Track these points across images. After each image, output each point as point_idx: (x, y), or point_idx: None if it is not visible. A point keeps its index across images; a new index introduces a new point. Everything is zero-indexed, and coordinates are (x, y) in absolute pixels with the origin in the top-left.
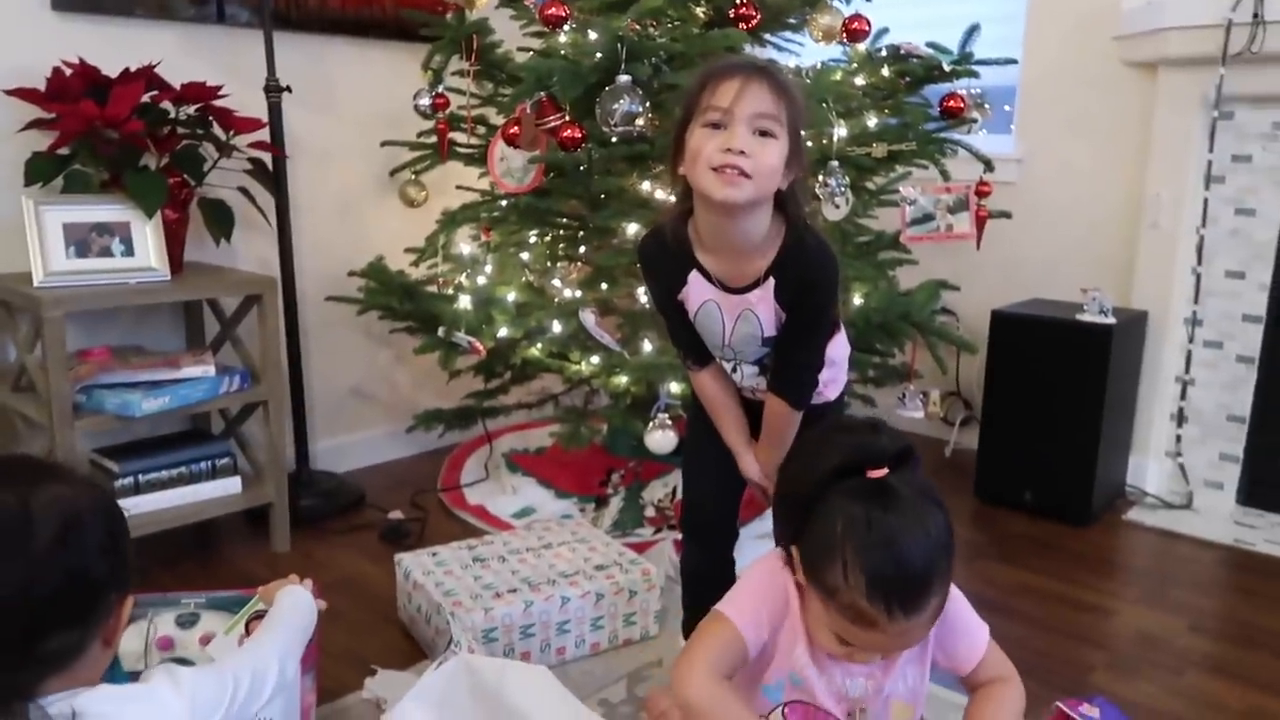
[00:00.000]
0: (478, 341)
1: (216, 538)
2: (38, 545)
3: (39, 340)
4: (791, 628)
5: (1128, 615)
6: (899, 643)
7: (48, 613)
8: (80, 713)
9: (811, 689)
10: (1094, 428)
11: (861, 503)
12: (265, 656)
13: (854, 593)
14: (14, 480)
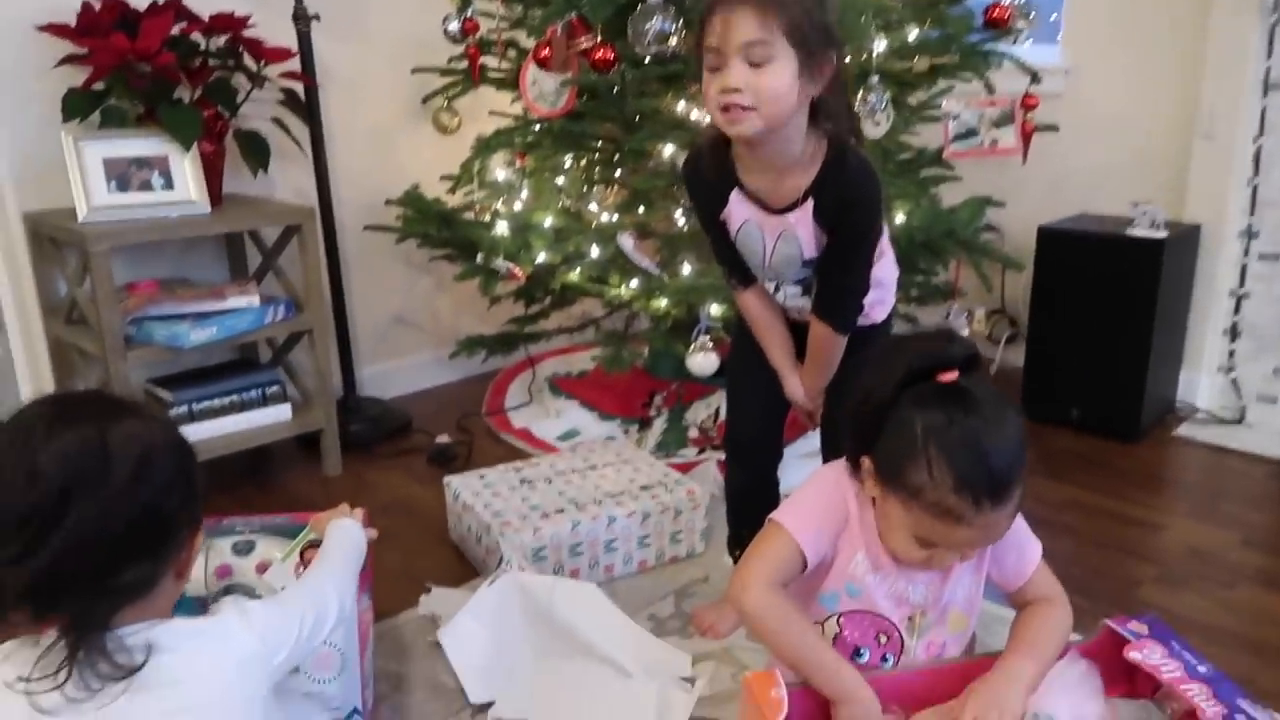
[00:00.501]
0: (516, 267)
1: (271, 463)
2: (115, 480)
3: (87, 275)
4: (850, 539)
5: (1177, 530)
6: (985, 536)
7: (123, 546)
8: (155, 646)
9: (871, 596)
10: (1144, 343)
11: (939, 404)
12: (325, 592)
13: (941, 489)
14: (91, 416)
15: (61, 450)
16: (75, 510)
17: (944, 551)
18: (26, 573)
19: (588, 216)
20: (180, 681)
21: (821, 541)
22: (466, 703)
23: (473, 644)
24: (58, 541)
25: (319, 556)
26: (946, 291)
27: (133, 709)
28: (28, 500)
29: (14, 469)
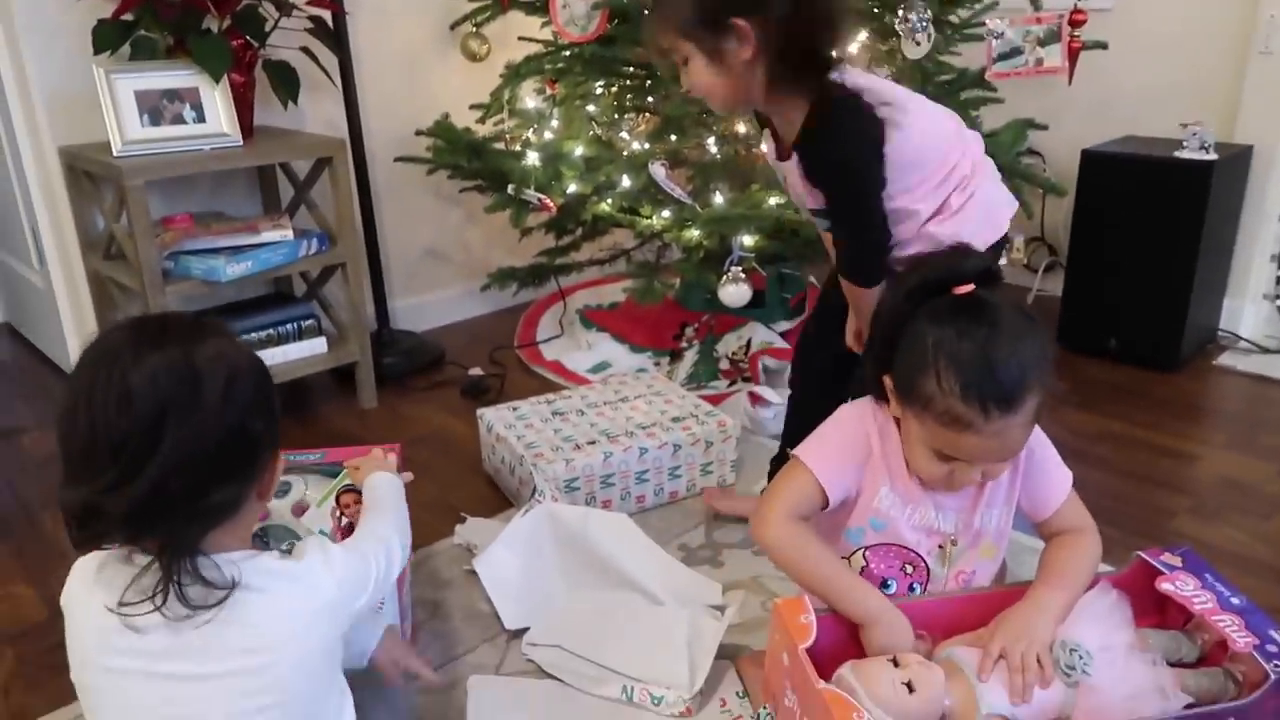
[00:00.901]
0: (547, 198)
1: (308, 396)
2: (206, 400)
3: (123, 209)
4: (873, 473)
5: (1214, 461)
6: (997, 445)
7: (214, 468)
8: (242, 582)
9: (897, 529)
10: (1187, 271)
11: (950, 316)
12: (390, 537)
13: (949, 398)
14: (176, 337)
15: (151, 372)
16: (170, 433)
17: (964, 467)
18: (125, 499)
19: (619, 145)
20: (262, 622)
21: (844, 478)
22: (502, 628)
23: (507, 572)
24: (154, 467)
25: (369, 506)
26: None
27: (217, 640)
28: (121, 426)
29: (105, 394)
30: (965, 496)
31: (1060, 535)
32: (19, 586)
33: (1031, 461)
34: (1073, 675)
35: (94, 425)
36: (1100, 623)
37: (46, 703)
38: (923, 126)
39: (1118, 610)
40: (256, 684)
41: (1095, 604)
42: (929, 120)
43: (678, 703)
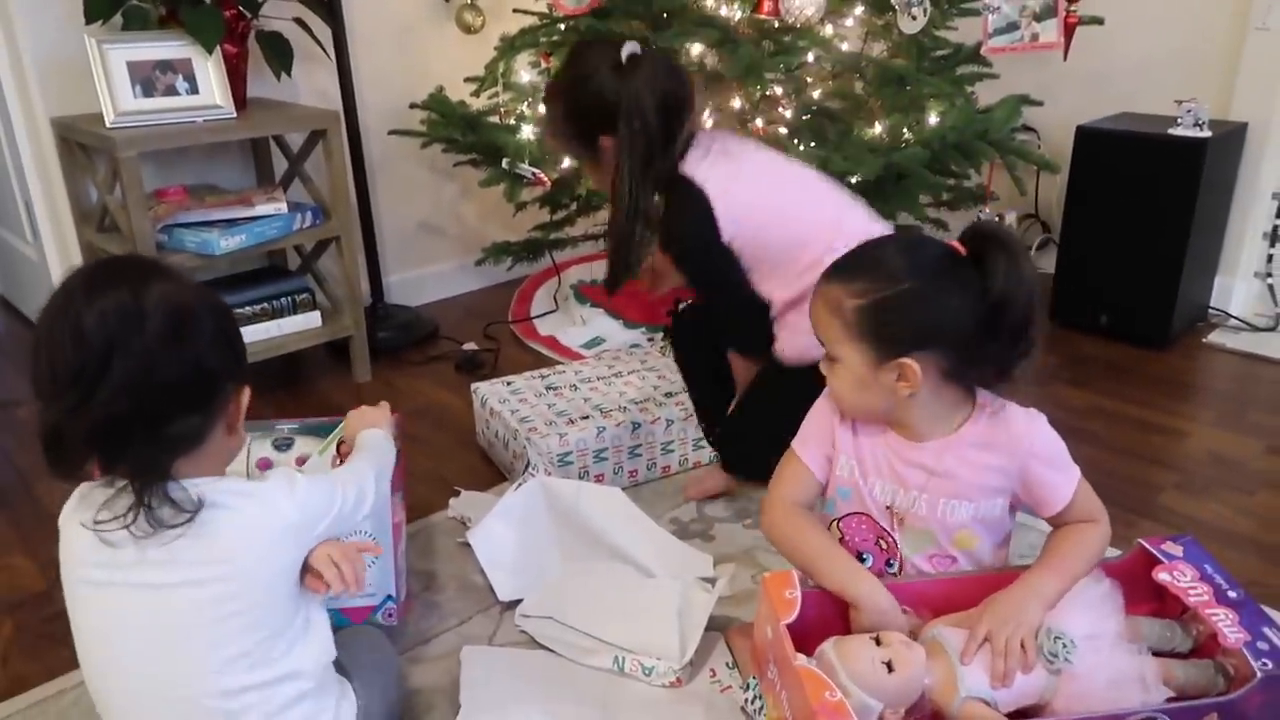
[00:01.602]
0: (541, 173)
1: (303, 369)
2: (149, 335)
3: (117, 181)
4: (838, 445)
5: (1201, 437)
6: (825, 308)
7: (168, 397)
8: (206, 499)
9: (860, 497)
10: (1179, 248)
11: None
12: (364, 475)
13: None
14: (125, 279)
15: (99, 310)
16: (118, 363)
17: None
18: (84, 420)
19: None
20: (223, 534)
21: (819, 454)
22: (495, 600)
23: (501, 545)
24: (105, 391)
25: (355, 450)
26: (978, 195)
27: (182, 552)
28: (77, 356)
29: (61, 330)
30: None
31: (1067, 524)
32: (16, 557)
33: (1036, 456)
34: (1055, 663)
35: (53, 358)
36: (1090, 610)
37: (45, 671)
38: (763, 220)
39: (1109, 599)
40: (219, 591)
41: (1087, 591)
42: (780, 211)
43: (668, 673)
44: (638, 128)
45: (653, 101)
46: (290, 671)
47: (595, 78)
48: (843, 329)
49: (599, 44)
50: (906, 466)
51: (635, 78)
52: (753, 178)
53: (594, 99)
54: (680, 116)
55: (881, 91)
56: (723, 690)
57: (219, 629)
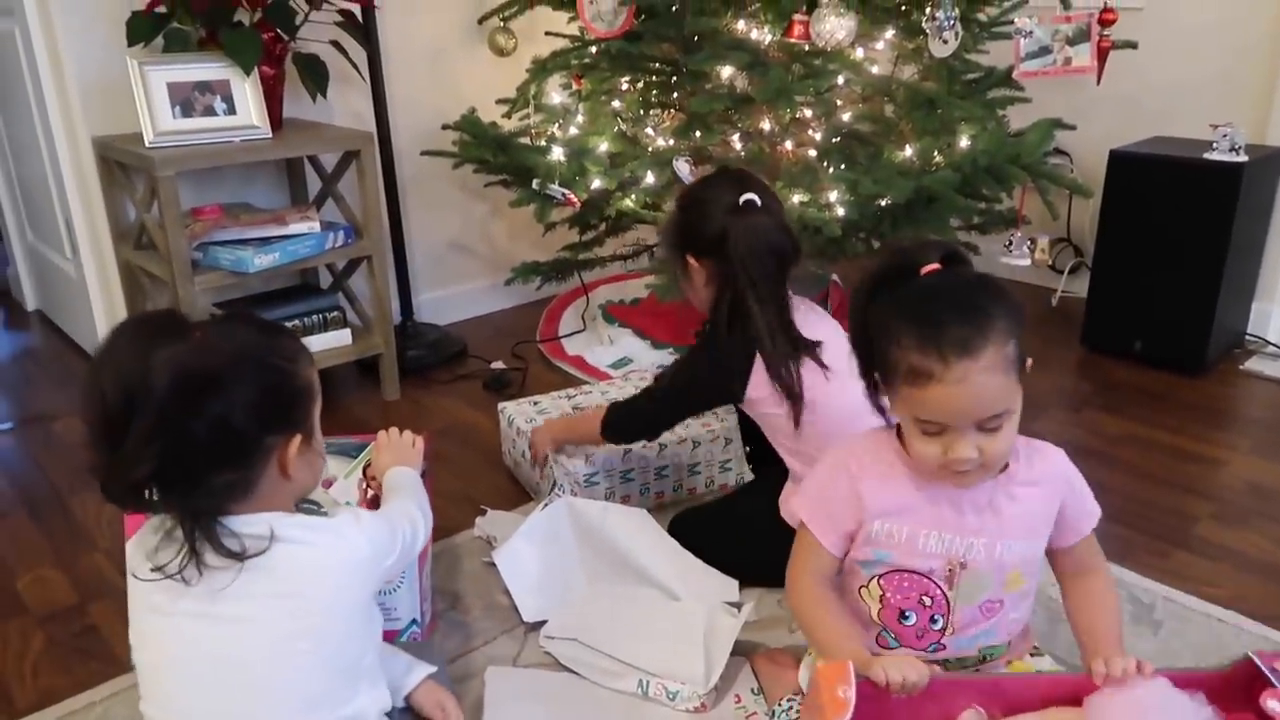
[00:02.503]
0: (571, 193)
1: (332, 387)
2: (156, 397)
3: (155, 199)
4: (863, 507)
5: (1238, 466)
6: (965, 394)
7: (199, 456)
8: (277, 535)
9: (904, 555)
10: (1215, 273)
11: (905, 288)
12: (414, 512)
13: (909, 353)
14: (145, 337)
15: (115, 368)
16: (136, 422)
17: (954, 440)
18: (122, 471)
19: (644, 141)
20: (297, 570)
21: (838, 534)
22: (520, 620)
23: (526, 565)
24: (131, 447)
25: (391, 490)
26: (1010, 219)
27: (253, 587)
28: (102, 413)
29: (92, 383)
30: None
31: (1082, 581)
32: (49, 570)
33: (1071, 494)
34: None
35: (88, 409)
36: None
37: (74, 685)
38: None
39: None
40: (293, 628)
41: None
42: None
43: (693, 698)
44: (744, 265)
45: (757, 244)
46: (354, 714)
47: (712, 204)
48: (1011, 380)
49: (731, 181)
50: (965, 513)
51: (747, 217)
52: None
53: (698, 220)
54: (782, 270)
55: (912, 115)
56: (748, 716)
57: (289, 665)
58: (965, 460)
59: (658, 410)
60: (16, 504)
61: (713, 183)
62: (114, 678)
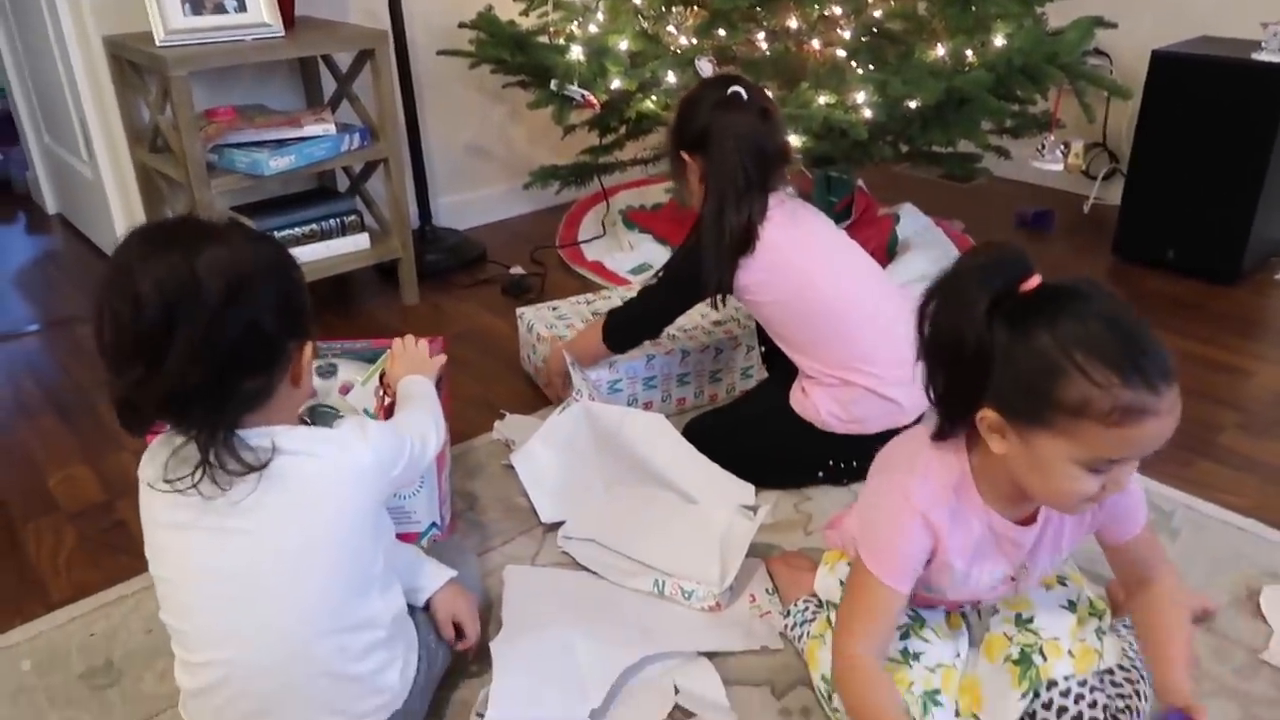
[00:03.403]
0: (591, 95)
1: (351, 291)
2: (207, 301)
3: (168, 101)
4: (933, 557)
5: (1268, 376)
6: (1171, 421)
7: (232, 361)
8: (279, 446)
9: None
10: (1256, 179)
11: (1050, 312)
12: (425, 424)
13: (1112, 390)
14: (179, 245)
15: (156, 277)
16: (180, 330)
17: (1119, 469)
18: (153, 392)
19: (665, 39)
20: (306, 478)
21: (910, 576)
22: (538, 521)
23: (544, 468)
24: (172, 361)
25: (405, 400)
26: (1044, 122)
27: (264, 499)
28: (138, 326)
29: (120, 301)
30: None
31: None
32: (78, 467)
33: (1114, 510)
34: None
35: (116, 326)
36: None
37: (105, 578)
38: (800, 290)
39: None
40: (301, 538)
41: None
42: (819, 290)
43: (708, 597)
44: (722, 159)
45: (739, 142)
46: (366, 620)
47: (701, 100)
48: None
49: (723, 80)
50: (1026, 541)
51: (730, 112)
52: (809, 249)
53: (688, 116)
54: (766, 168)
55: (945, 11)
56: (762, 615)
57: (299, 575)
58: (1117, 490)
59: (653, 308)
60: (45, 405)
61: (708, 82)
62: (143, 572)
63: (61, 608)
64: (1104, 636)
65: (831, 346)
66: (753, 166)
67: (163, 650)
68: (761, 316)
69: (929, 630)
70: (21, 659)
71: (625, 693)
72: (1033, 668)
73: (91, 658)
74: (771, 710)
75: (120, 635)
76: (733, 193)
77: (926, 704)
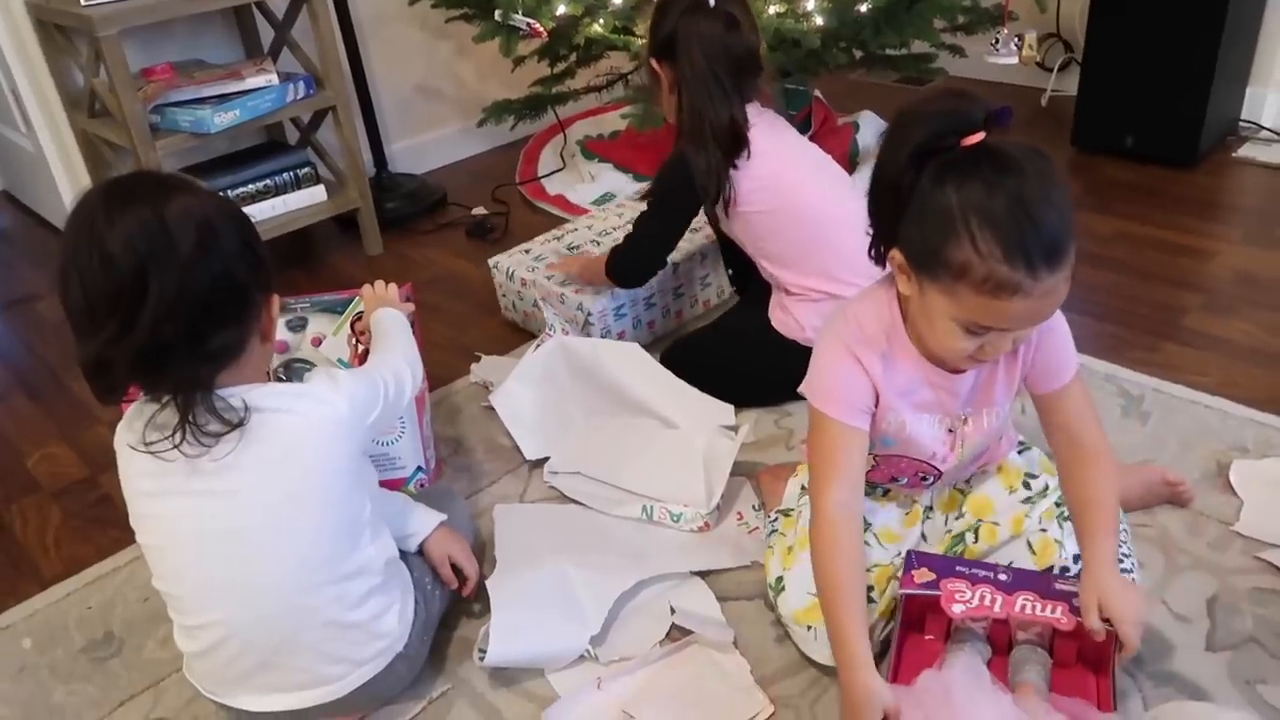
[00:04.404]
0: (536, 23)
1: (313, 246)
2: (181, 251)
3: (101, 63)
4: (876, 402)
5: (1229, 256)
6: (1044, 305)
7: (205, 313)
8: (251, 405)
9: (908, 443)
10: (1209, 59)
11: (969, 171)
12: (397, 363)
13: (990, 261)
14: (144, 197)
15: (125, 233)
16: (154, 284)
17: (997, 336)
18: (128, 348)
19: None
20: (283, 434)
21: (862, 413)
22: (523, 459)
23: (523, 406)
24: (147, 316)
25: (378, 339)
26: (996, 15)
27: (243, 458)
28: (110, 284)
29: (88, 258)
30: (972, 380)
31: (1077, 463)
32: (56, 446)
33: (1043, 345)
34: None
35: (85, 287)
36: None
37: (96, 552)
38: (782, 198)
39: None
40: (285, 493)
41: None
42: (800, 199)
43: (696, 518)
44: (690, 64)
45: (705, 45)
46: (359, 567)
47: (671, 6)
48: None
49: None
50: (962, 390)
51: (696, 17)
52: (794, 159)
53: (657, 23)
54: (738, 73)
55: None
56: (750, 532)
57: (287, 529)
58: (998, 354)
59: (654, 233)
60: (13, 386)
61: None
62: (133, 543)
63: (56, 584)
64: (1065, 524)
65: (818, 257)
66: (723, 72)
67: (162, 616)
68: (748, 230)
69: (871, 535)
70: (21, 638)
71: (623, 617)
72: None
73: (91, 630)
74: (765, 621)
75: (117, 606)
76: (705, 95)
77: None
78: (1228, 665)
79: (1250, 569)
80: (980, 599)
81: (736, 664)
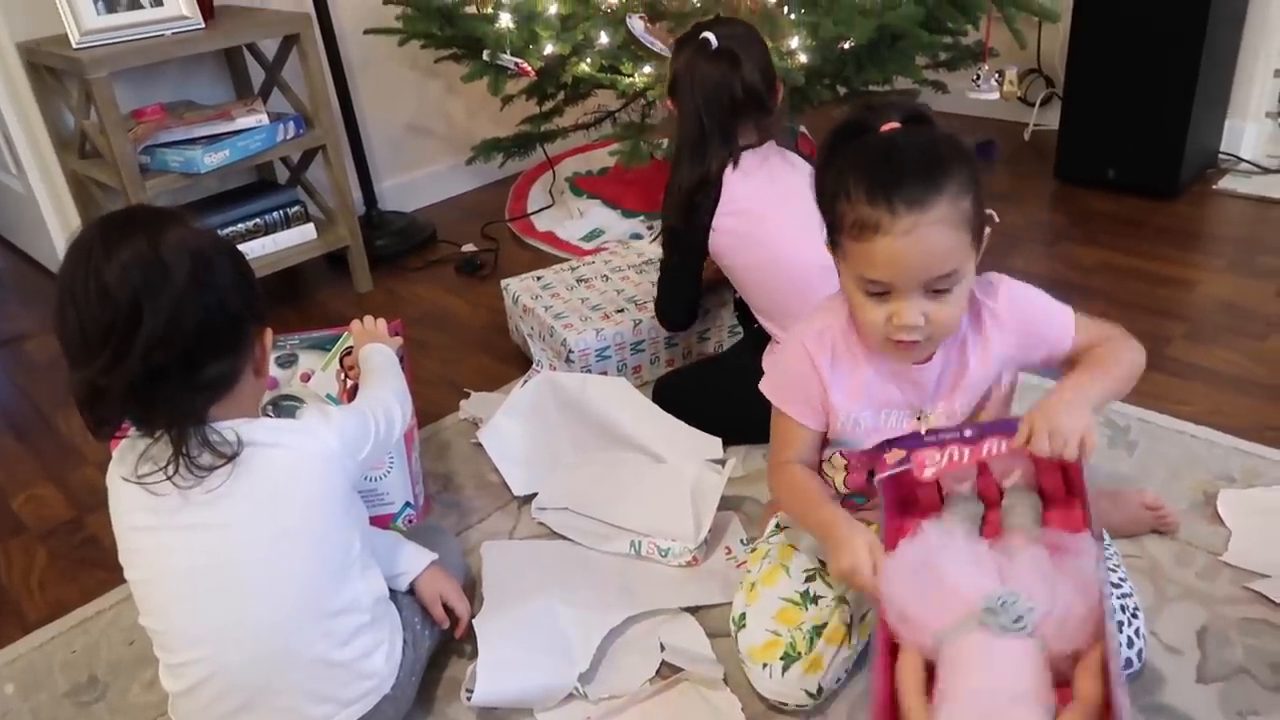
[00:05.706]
0: (524, 62)
1: (303, 284)
2: (175, 283)
3: (91, 104)
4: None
5: (1211, 285)
6: (914, 248)
7: (199, 344)
8: (244, 439)
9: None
10: (1188, 91)
11: (865, 146)
12: (387, 399)
13: (857, 206)
14: (140, 230)
15: (121, 264)
16: (148, 314)
17: (900, 305)
18: (121, 377)
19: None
20: (274, 469)
21: (811, 411)
22: (511, 495)
23: (512, 441)
24: (140, 346)
25: (366, 375)
26: (976, 52)
27: (234, 491)
28: (105, 314)
29: (85, 289)
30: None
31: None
32: (43, 487)
33: (1024, 314)
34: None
35: (80, 318)
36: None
37: (81, 594)
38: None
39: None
40: (274, 528)
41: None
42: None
43: (684, 553)
44: (683, 107)
45: (697, 90)
46: (347, 604)
47: (682, 46)
48: (964, 239)
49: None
50: (921, 386)
51: (697, 60)
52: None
53: (671, 64)
54: (733, 116)
55: None
56: (739, 566)
57: (276, 564)
58: (911, 328)
59: (671, 271)
60: (1, 426)
61: (693, 29)
62: (119, 585)
63: (40, 628)
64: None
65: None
66: (714, 115)
67: (147, 659)
68: (734, 279)
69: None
70: (4, 683)
71: (612, 654)
72: None
73: (75, 674)
74: None
75: (102, 649)
76: (689, 143)
77: (812, 637)
78: (1219, 696)
79: (1239, 599)
80: (948, 457)
81: (727, 700)
